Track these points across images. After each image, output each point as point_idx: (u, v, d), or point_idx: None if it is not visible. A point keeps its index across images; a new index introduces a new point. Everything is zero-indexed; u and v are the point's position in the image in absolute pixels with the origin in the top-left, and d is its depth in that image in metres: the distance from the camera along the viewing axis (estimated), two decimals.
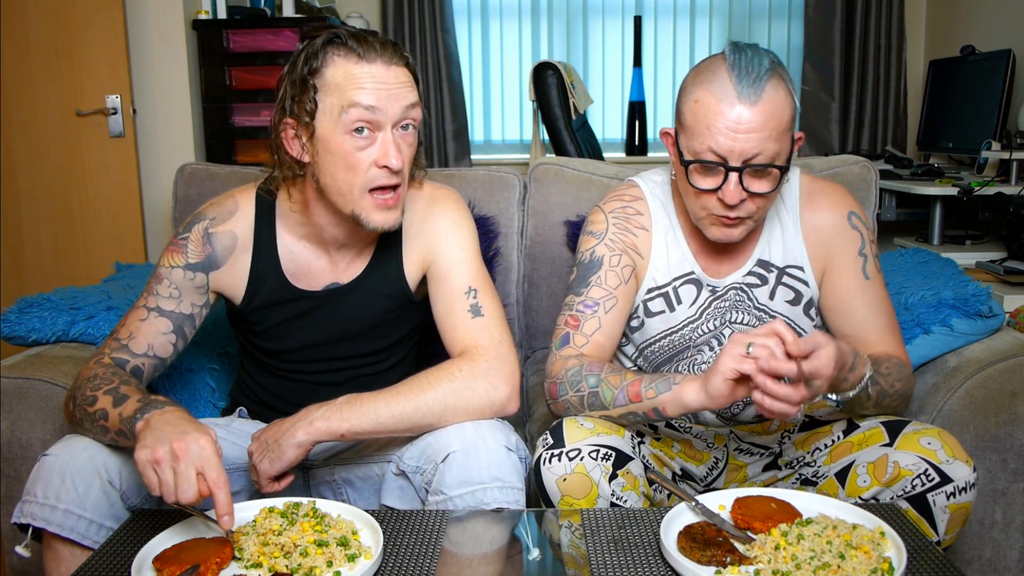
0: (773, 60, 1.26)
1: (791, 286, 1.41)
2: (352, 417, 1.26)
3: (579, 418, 1.30)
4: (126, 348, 1.33)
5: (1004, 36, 3.25)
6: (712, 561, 1.02)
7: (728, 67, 1.24)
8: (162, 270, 1.38)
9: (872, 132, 3.92)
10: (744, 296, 1.42)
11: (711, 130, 1.24)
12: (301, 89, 1.27)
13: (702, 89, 1.26)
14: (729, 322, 1.42)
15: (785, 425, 1.48)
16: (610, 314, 1.39)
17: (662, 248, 1.43)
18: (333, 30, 1.28)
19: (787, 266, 1.41)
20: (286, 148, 1.32)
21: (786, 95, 1.26)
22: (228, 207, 1.42)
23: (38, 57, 2.86)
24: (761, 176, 1.26)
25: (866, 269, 1.40)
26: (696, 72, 1.30)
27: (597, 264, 1.42)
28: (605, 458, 1.23)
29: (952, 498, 1.21)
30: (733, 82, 1.23)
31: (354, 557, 1.05)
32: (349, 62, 1.25)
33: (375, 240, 1.43)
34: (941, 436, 1.26)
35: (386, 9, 3.86)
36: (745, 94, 1.22)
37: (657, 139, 4.13)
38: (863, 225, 1.42)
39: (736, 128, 1.23)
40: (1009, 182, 2.79)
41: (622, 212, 1.45)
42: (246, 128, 3.02)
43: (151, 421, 1.12)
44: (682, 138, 1.31)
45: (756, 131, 1.23)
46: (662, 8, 4.07)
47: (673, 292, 1.42)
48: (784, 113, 1.25)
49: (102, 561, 1.08)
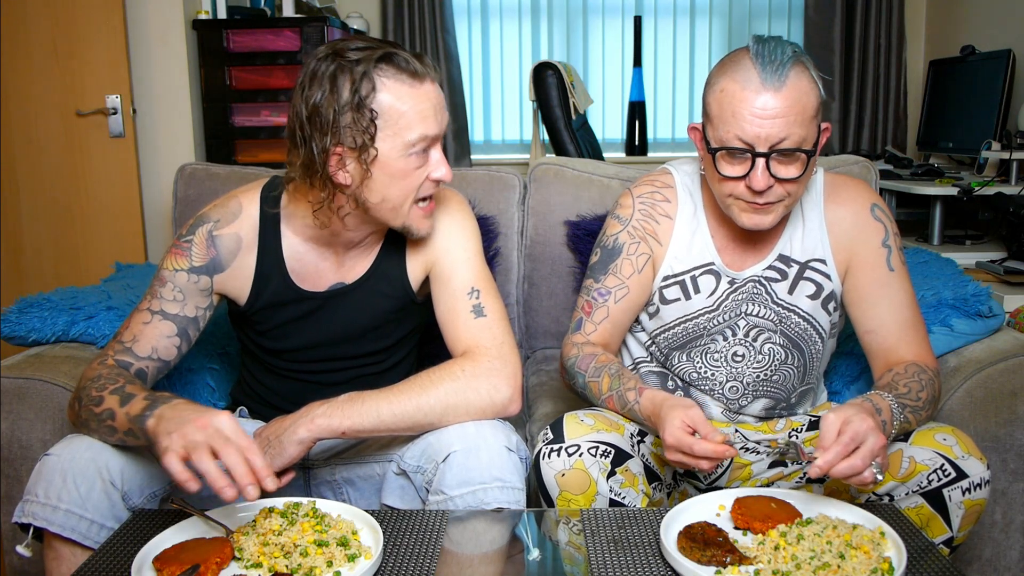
0: (796, 49, 1.27)
1: (813, 279, 1.42)
2: (353, 415, 1.26)
3: (580, 414, 1.31)
4: (130, 351, 1.33)
5: (1004, 36, 3.25)
6: (712, 561, 1.02)
7: (752, 56, 1.26)
8: (165, 273, 1.38)
9: (872, 132, 3.92)
10: (762, 289, 1.42)
11: (737, 117, 1.25)
12: (356, 115, 1.23)
13: (727, 78, 1.28)
14: (745, 313, 1.43)
15: (791, 424, 1.48)
16: (620, 303, 1.45)
17: (685, 236, 1.44)
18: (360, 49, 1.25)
19: (809, 260, 1.42)
20: (332, 174, 1.27)
21: (810, 81, 1.27)
22: (232, 209, 1.42)
23: (38, 57, 2.86)
24: (788, 161, 1.27)
25: (890, 260, 1.40)
26: (721, 65, 1.32)
27: (618, 251, 1.46)
28: (604, 455, 1.24)
29: (967, 494, 1.22)
30: (757, 69, 1.25)
31: (354, 557, 1.05)
32: (403, 85, 1.25)
33: (380, 240, 1.43)
34: (955, 433, 1.27)
35: (386, 9, 3.86)
36: (769, 80, 1.24)
37: (657, 139, 4.14)
38: (886, 217, 1.43)
39: (762, 114, 1.24)
40: (1009, 182, 2.79)
41: (650, 198, 1.47)
42: (246, 128, 3.02)
43: (163, 415, 1.13)
44: (709, 129, 1.32)
45: (781, 116, 1.24)
46: (662, 8, 4.07)
47: (691, 280, 1.44)
48: (809, 99, 1.26)
49: (102, 561, 1.08)
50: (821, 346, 1.45)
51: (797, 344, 1.44)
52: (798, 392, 1.48)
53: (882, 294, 1.39)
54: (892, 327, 1.38)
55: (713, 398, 1.46)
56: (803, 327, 1.43)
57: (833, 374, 1.69)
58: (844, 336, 1.60)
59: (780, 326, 1.43)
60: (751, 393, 1.45)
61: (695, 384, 1.47)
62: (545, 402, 1.77)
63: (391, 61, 1.24)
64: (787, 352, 1.44)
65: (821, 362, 1.50)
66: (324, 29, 2.97)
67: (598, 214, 1.91)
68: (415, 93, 1.25)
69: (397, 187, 1.28)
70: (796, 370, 1.45)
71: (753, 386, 1.45)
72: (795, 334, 1.43)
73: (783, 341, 1.43)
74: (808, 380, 1.48)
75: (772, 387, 1.45)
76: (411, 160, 1.27)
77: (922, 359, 1.36)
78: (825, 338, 1.45)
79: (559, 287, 1.98)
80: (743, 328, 1.43)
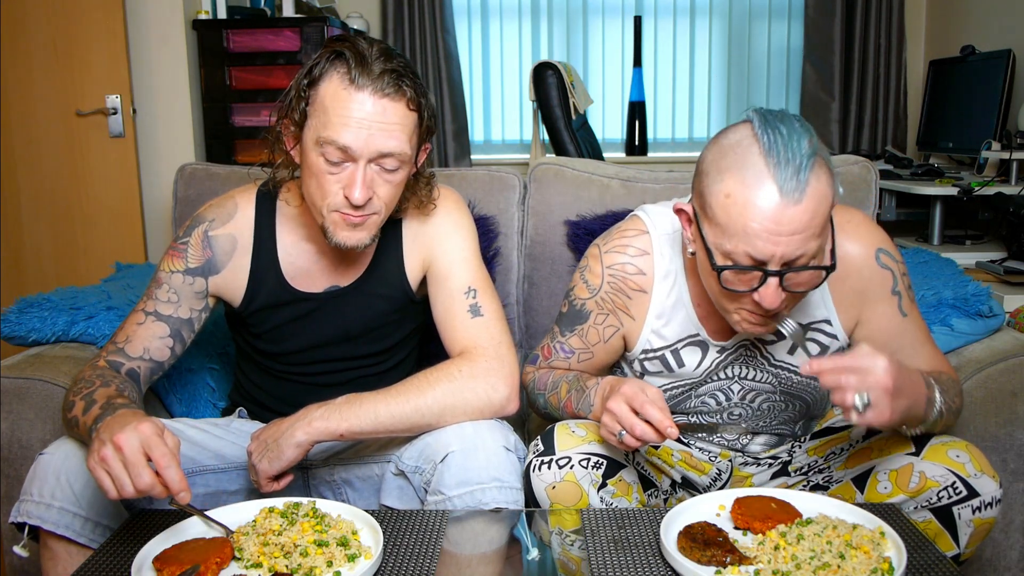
0: (812, 137, 1.08)
1: (817, 341, 1.31)
2: (351, 417, 1.26)
3: (571, 424, 1.28)
4: (122, 351, 1.34)
5: (1004, 36, 3.25)
6: (712, 561, 1.02)
7: (763, 153, 1.06)
8: (162, 274, 1.38)
9: (872, 132, 3.92)
10: (756, 352, 1.32)
11: (748, 233, 1.07)
12: (297, 96, 1.27)
13: (735, 180, 1.08)
14: (739, 378, 1.34)
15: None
16: (583, 364, 1.41)
17: (664, 310, 1.32)
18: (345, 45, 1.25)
19: (812, 323, 1.30)
20: (286, 144, 1.32)
21: (829, 181, 1.08)
22: (228, 208, 1.42)
23: (38, 57, 2.86)
24: (802, 273, 1.12)
25: (902, 306, 1.29)
26: (720, 152, 1.11)
27: (584, 317, 1.37)
28: (595, 467, 1.22)
29: (977, 512, 1.18)
30: (772, 174, 1.05)
31: (354, 557, 1.05)
32: (341, 84, 1.23)
33: (377, 241, 1.43)
34: (969, 449, 1.21)
35: (386, 9, 3.86)
36: (788, 190, 1.04)
37: (657, 139, 4.14)
38: (892, 260, 1.29)
39: (778, 231, 1.06)
40: (1009, 182, 2.79)
41: (621, 270, 1.33)
42: (246, 128, 3.02)
43: (100, 428, 1.09)
44: (708, 230, 1.13)
45: (800, 232, 1.06)
46: (662, 8, 4.07)
47: (673, 355, 1.34)
48: (828, 204, 1.08)
49: (102, 561, 1.08)
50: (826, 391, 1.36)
51: (799, 396, 1.37)
52: (801, 425, 1.44)
53: (899, 342, 1.29)
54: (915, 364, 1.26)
55: (712, 443, 1.43)
56: (805, 382, 1.34)
57: None
58: None
59: (780, 387, 1.34)
60: (750, 433, 1.42)
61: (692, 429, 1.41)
62: None
63: (344, 59, 1.24)
64: (788, 403, 1.37)
65: (826, 397, 1.41)
66: (324, 29, 2.97)
67: (598, 214, 1.91)
68: (348, 97, 1.22)
69: (313, 183, 1.28)
70: (799, 414, 1.40)
71: (753, 430, 1.41)
72: (797, 389, 1.35)
73: (783, 397, 1.36)
74: (813, 414, 1.43)
75: (773, 429, 1.42)
76: (321, 161, 1.24)
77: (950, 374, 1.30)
78: None
79: (559, 287, 1.98)
80: (737, 392, 1.35)
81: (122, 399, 1.19)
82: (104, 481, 1.03)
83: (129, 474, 1.02)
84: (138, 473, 1.02)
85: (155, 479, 1.02)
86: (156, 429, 1.05)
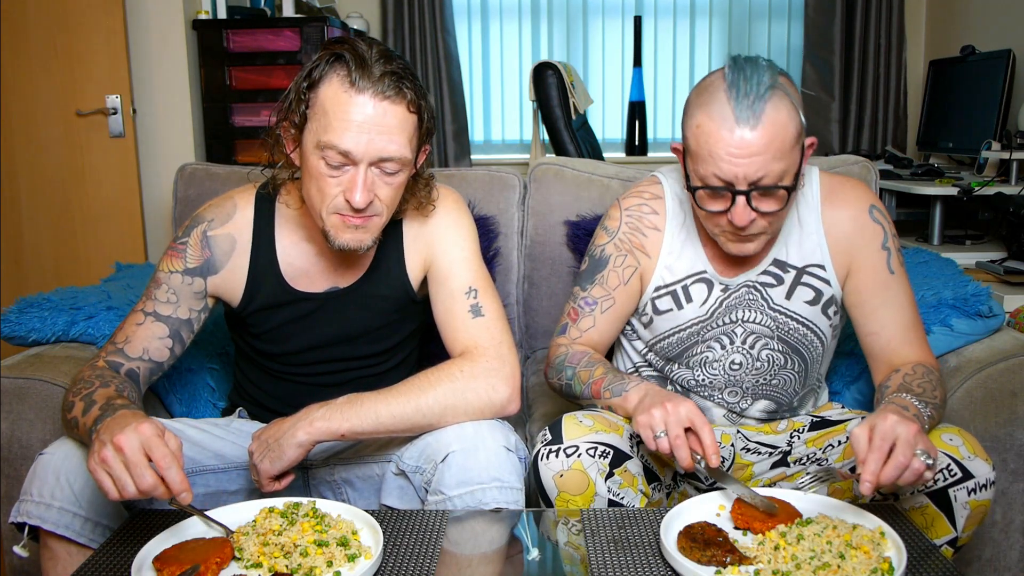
0: (773, 75, 1.23)
1: (811, 285, 1.41)
2: (352, 417, 1.26)
3: (578, 415, 1.30)
4: (121, 352, 1.34)
5: (1004, 36, 3.25)
6: (712, 561, 1.02)
7: (727, 88, 1.22)
8: (161, 275, 1.38)
9: (872, 132, 3.92)
10: (757, 295, 1.41)
11: (713, 156, 1.23)
12: (297, 98, 1.27)
13: (703, 113, 1.24)
14: (741, 320, 1.42)
15: (793, 425, 1.48)
16: (606, 314, 1.46)
17: (675, 247, 1.43)
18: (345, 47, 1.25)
19: (807, 266, 1.40)
20: (286, 146, 1.32)
21: (788, 111, 1.23)
22: (227, 209, 1.42)
23: (38, 57, 2.86)
24: (769, 196, 1.25)
25: (890, 263, 1.39)
26: (697, 92, 1.29)
27: (604, 262, 1.46)
28: (603, 456, 1.24)
29: (973, 494, 1.21)
30: (731, 104, 1.21)
31: (354, 557, 1.05)
32: (341, 86, 1.23)
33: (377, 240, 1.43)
34: (962, 434, 1.26)
35: (386, 9, 3.86)
36: (744, 117, 1.20)
37: (657, 139, 4.14)
38: (884, 218, 1.41)
39: (738, 153, 1.21)
40: (1009, 182, 2.79)
41: (637, 210, 1.46)
42: (246, 128, 3.02)
43: (100, 429, 1.09)
44: (688, 161, 1.30)
45: (759, 154, 1.21)
46: (662, 8, 4.07)
47: (683, 290, 1.43)
48: (787, 131, 1.22)
49: (102, 561, 1.08)
50: (822, 350, 1.45)
51: (796, 349, 1.43)
52: (799, 396, 1.48)
53: (884, 297, 1.39)
54: (894, 329, 1.38)
55: (713, 403, 1.46)
56: (802, 332, 1.42)
57: (833, 374, 1.69)
58: (844, 336, 1.60)
59: (777, 332, 1.42)
60: (751, 396, 1.45)
61: (694, 390, 1.46)
62: (545, 402, 1.77)
63: (344, 62, 1.23)
64: (786, 357, 1.43)
65: (822, 364, 1.50)
66: (324, 29, 2.97)
67: (598, 214, 1.91)
68: (348, 100, 1.22)
69: (313, 186, 1.28)
70: (796, 375, 1.45)
71: (753, 390, 1.45)
72: (794, 339, 1.42)
73: (781, 347, 1.43)
74: (809, 383, 1.48)
75: (772, 391, 1.45)
76: (321, 165, 1.24)
77: (925, 360, 1.36)
78: (826, 342, 1.45)
79: (559, 287, 1.98)
80: (740, 335, 1.42)
81: (121, 400, 1.19)
82: (105, 482, 1.03)
83: (131, 475, 1.02)
84: (140, 474, 1.02)
85: (157, 480, 1.03)
86: (156, 430, 1.05)
